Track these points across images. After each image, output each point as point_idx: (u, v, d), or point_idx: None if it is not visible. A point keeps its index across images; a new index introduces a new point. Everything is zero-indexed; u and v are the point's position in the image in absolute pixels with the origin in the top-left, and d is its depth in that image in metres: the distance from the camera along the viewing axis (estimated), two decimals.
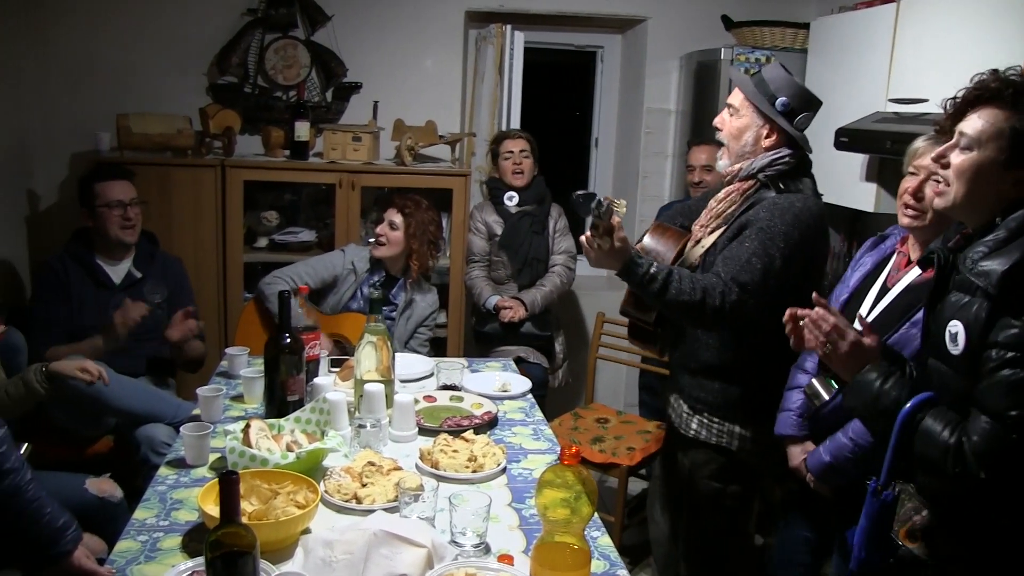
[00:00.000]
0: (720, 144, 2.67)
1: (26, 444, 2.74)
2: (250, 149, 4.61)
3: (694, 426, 2.70)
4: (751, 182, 2.57)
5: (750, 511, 2.77)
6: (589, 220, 2.43)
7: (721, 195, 2.64)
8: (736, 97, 2.60)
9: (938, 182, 1.84)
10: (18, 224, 4.38)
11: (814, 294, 2.03)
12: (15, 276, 4.22)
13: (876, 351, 1.95)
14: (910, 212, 2.39)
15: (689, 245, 2.69)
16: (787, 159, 2.54)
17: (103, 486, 2.90)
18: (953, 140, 1.79)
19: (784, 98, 2.51)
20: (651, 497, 3.17)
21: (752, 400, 2.63)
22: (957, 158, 1.77)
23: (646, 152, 5.06)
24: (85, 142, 4.43)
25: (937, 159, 1.83)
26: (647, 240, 2.74)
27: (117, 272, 3.66)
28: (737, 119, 2.58)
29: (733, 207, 2.58)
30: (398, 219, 3.82)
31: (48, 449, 3.16)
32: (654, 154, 5.07)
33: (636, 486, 4.27)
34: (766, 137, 2.54)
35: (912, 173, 2.40)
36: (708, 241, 2.61)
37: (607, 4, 4.91)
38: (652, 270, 2.42)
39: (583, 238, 2.49)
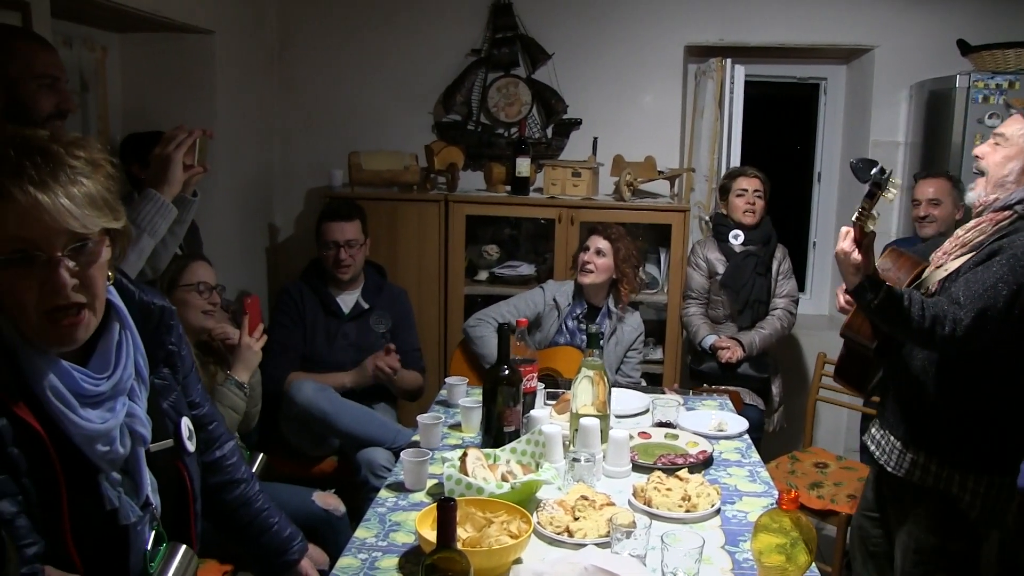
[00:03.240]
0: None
1: (261, 455, 2.93)
2: (472, 184, 4.76)
3: (906, 466, 2.49)
4: (1006, 213, 2.41)
5: None
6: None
7: (971, 224, 2.49)
8: (1010, 127, 2.46)
9: None
10: (260, 254, 4.72)
11: None
12: None
13: None
14: None
15: (929, 270, 2.54)
16: None
17: (328, 500, 3.06)
18: None
19: None
20: (852, 550, 2.99)
21: (991, 446, 2.40)
22: None
23: None
24: (319, 178, 4.72)
25: None
26: (880, 262, 2.60)
27: (347, 302, 3.84)
28: (1006, 147, 2.44)
29: (983, 236, 2.43)
30: (604, 245, 3.81)
31: (279, 463, 3.39)
32: None
33: None
34: None
35: None
36: (952, 266, 2.45)
37: (831, 35, 4.75)
38: (884, 293, 2.31)
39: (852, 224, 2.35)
